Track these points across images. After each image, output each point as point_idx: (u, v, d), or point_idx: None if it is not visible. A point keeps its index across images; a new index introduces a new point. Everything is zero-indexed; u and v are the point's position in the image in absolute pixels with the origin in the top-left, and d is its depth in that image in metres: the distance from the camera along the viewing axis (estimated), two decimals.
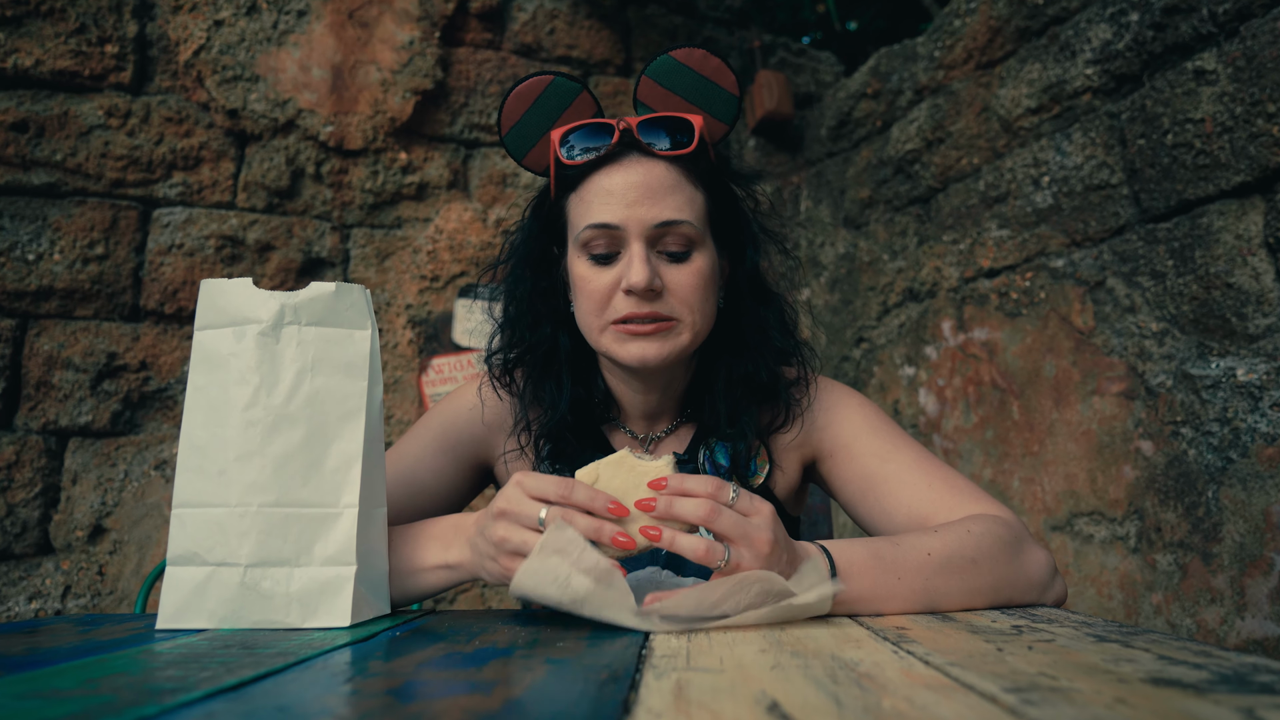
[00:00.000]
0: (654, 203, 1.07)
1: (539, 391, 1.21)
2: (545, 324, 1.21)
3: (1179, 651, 0.62)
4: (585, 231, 1.09)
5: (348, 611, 0.87)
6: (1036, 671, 0.57)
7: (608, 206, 1.08)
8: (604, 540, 0.83)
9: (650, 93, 1.15)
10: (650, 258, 1.07)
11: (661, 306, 1.08)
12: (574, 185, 1.14)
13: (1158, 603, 2.06)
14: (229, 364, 0.91)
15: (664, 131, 1.11)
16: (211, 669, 0.63)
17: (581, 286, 1.11)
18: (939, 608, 0.92)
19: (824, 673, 0.58)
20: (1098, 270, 2.27)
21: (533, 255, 1.22)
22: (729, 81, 1.14)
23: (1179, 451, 2.03)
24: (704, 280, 1.10)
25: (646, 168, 1.09)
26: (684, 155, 1.11)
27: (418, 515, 1.17)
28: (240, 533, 0.87)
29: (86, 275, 2.66)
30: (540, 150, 1.18)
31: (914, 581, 0.90)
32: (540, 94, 1.15)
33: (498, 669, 0.63)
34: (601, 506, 0.83)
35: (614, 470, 0.86)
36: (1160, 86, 2.10)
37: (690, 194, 1.11)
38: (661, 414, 1.24)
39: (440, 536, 0.99)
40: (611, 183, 1.09)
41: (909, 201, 3.03)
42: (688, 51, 1.13)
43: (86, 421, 2.62)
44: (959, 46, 2.80)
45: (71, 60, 2.71)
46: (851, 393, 1.25)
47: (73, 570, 2.55)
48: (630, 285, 1.05)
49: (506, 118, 1.16)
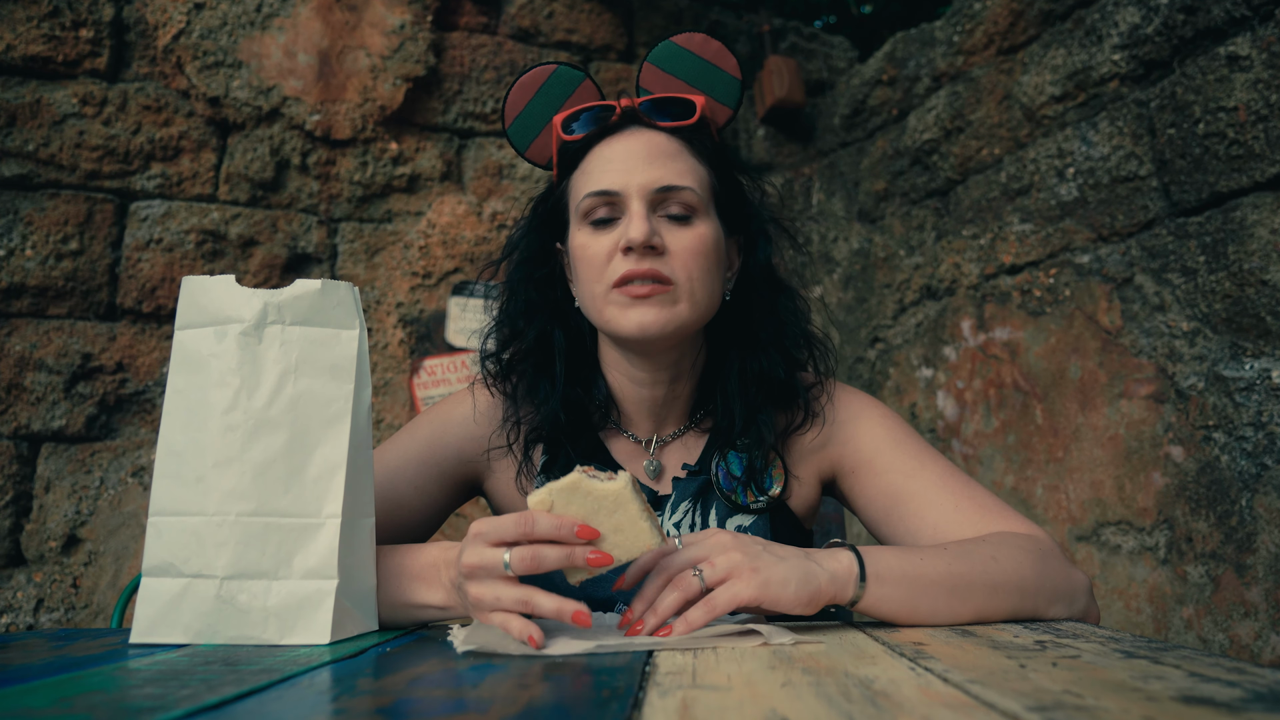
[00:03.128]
0: (654, 167, 1.11)
1: (532, 388, 1.21)
2: (540, 317, 1.22)
3: (1211, 668, 0.62)
4: (586, 200, 1.12)
5: (327, 628, 0.87)
6: (1061, 689, 0.56)
7: (607, 173, 1.11)
8: (578, 564, 0.83)
9: (652, 79, 1.19)
10: (650, 218, 1.10)
11: (661, 265, 1.09)
12: (576, 163, 1.17)
13: (1188, 617, 2.06)
14: (209, 365, 0.91)
15: (664, 107, 1.16)
16: (192, 686, 0.63)
17: (581, 254, 1.13)
18: (955, 623, 0.93)
19: (837, 690, 0.58)
20: (1125, 266, 2.27)
21: (532, 250, 1.24)
22: (730, 65, 1.19)
23: (1211, 457, 2.03)
24: (706, 246, 1.12)
25: (648, 136, 1.14)
26: (685, 127, 1.15)
27: (392, 531, 1.16)
28: (218, 543, 0.87)
29: (60, 272, 2.67)
30: (544, 140, 1.21)
31: (939, 594, 0.92)
32: (543, 83, 1.19)
33: (494, 686, 0.63)
34: (569, 534, 0.83)
35: (568, 496, 0.85)
36: (1191, 73, 2.10)
37: (692, 163, 1.14)
38: (669, 415, 1.24)
39: (422, 577, 0.98)
40: (612, 151, 1.13)
41: (927, 194, 3.03)
42: (688, 36, 1.18)
43: (60, 426, 2.63)
44: (979, 31, 2.80)
45: (44, 45, 2.72)
46: (872, 403, 1.24)
47: (45, 583, 2.56)
48: (629, 240, 1.07)
49: (510, 109, 1.20)
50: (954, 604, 0.92)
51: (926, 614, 0.92)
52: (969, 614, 0.93)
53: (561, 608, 0.81)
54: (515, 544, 0.85)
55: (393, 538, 1.15)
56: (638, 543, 0.84)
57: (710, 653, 0.75)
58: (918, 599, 0.91)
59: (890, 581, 0.90)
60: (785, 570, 0.86)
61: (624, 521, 0.84)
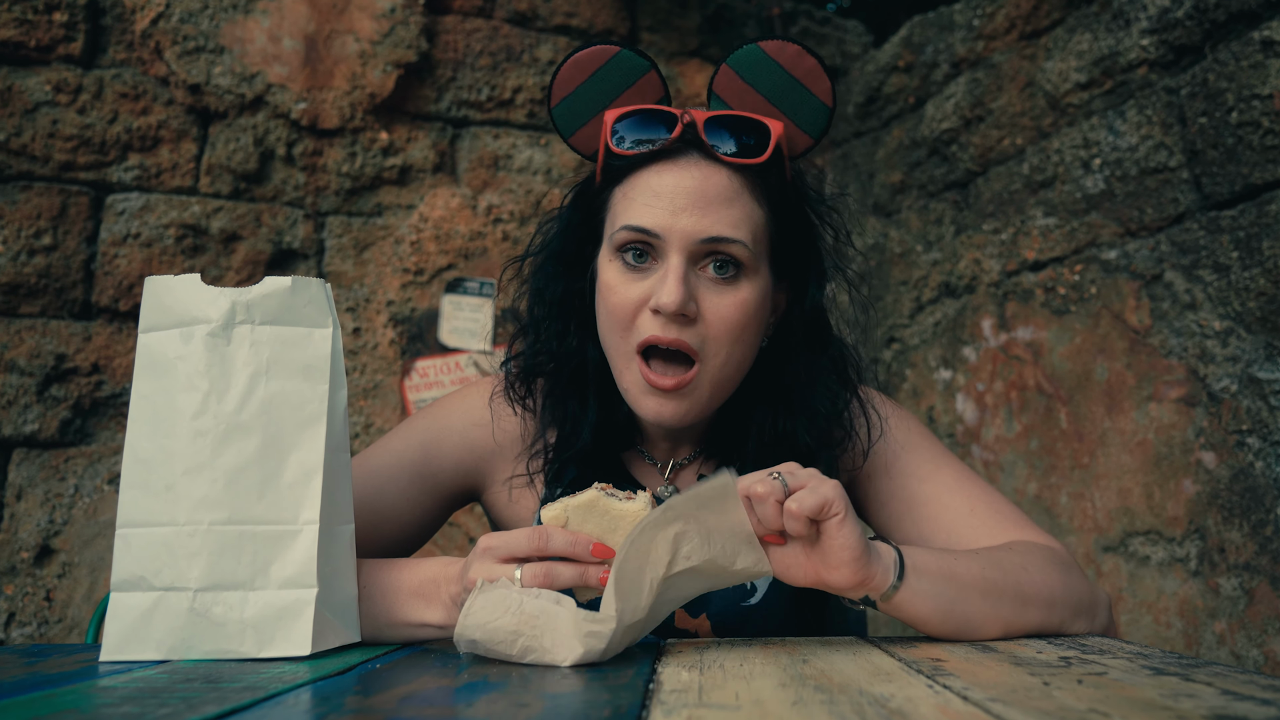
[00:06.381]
0: (704, 213, 1.03)
1: (560, 411, 1.18)
2: (574, 333, 1.18)
3: (1245, 685, 0.62)
4: (621, 232, 1.06)
5: (308, 638, 0.87)
6: (1087, 708, 0.56)
7: (651, 209, 1.04)
8: (591, 583, 0.83)
9: (728, 86, 1.09)
10: (689, 276, 1.03)
11: (689, 336, 1.04)
12: (620, 178, 1.10)
13: (1221, 631, 2.06)
14: (176, 369, 0.91)
15: (732, 133, 1.06)
16: (171, 705, 0.63)
17: (606, 295, 1.08)
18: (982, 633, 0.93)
19: (851, 709, 0.58)
20: (1154, 263, 2.27)
21: (567, 251, 1.19)
22: (824, 89, 1.08)
23: (1245, 464, 2.03)
24: (747, 315, 1.06)
25: (705, 172, 1.05)
26: (752, 165, 1.06)
27: (378, 544, 1.14)
28: (190, 554, 0.87)
29: (32, 268, 2.67)
30: (591, 131, 1.13)
31: (973, 597, 0.92)
32: (601, 66, 1.10)
33: (489, 705, 0.63)
34: (583, 552, 0.83)
35: (584, 514, 0.85)
36: (1224, 59, 2.10)
37: (750, 210, 1.06)
38: (685, 439, 1.23)
39: (421, 594, 0.97)
40: (661, 183, 1.05)
41: (945, 186, 3.03)
42: (780, 45, 1.07)
43: (32, 430, 2.63)
44: (1000, 14, 2.80)
45: (15, 30, 2.72)
46: (892, 405, 1.25)
47: (17, 596, 2.56)
48: (659, 304, 1.02)
49: (559, 87, 1.11)
50: (986, 610, 0.92)
51: (959, 618, 0.91)
52: (998, 625, 0.93)
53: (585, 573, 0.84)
54: (526, 559, 0.85)
55: (381, 550, 1.14)
56: None
57: (717, 669, 0.75)
58: (953, 599, 0.91)
59: (928, 576, 0.90)
60: (855, 523, 0.86)
61: None
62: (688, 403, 1.06)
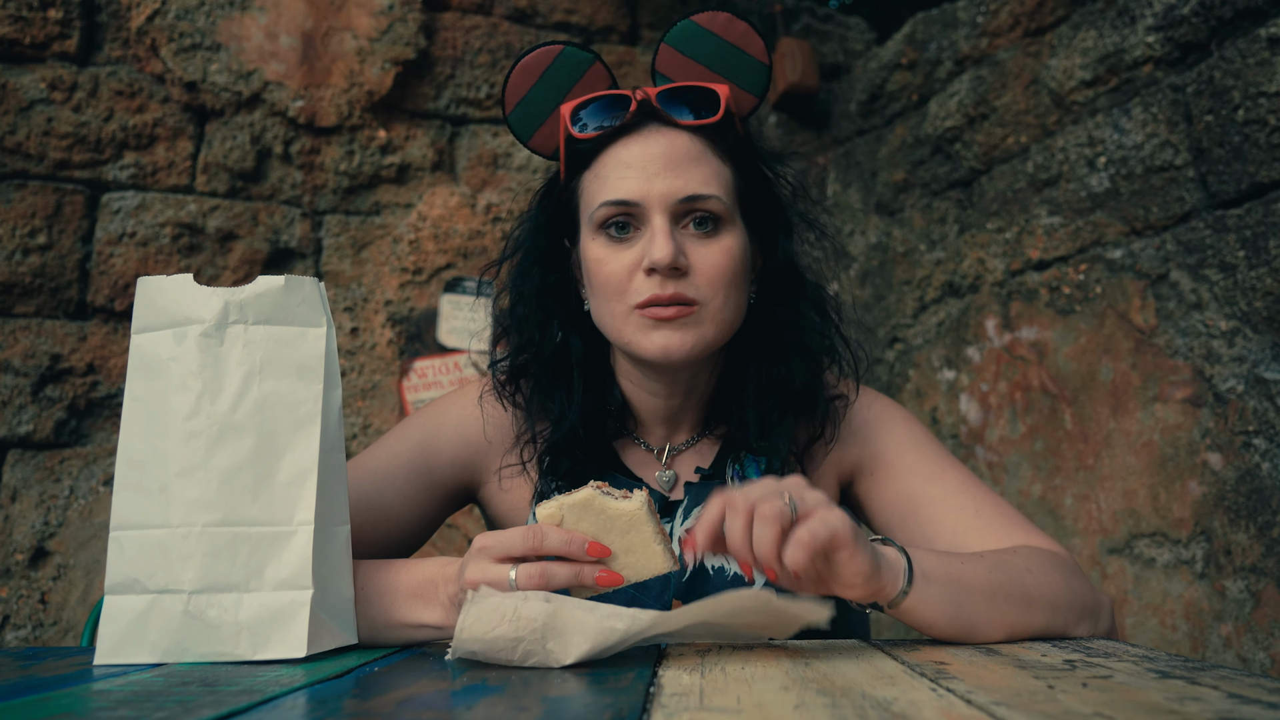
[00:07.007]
0: (677, 174, 1.08)
1: (547, 400, 1.20)
2: (555, 324, 1.20)
3: (1251, 689, 0.62)
4: (601, 209, 1.09)
5: (303, 641, 0.87)
6: (1092, 712, 0.56)
7: (625, 180, 1.08)
8: (587, 583, 0.83)
9: (670, 62, 1.15)
10: (674, 233, 1.07)
11: (686, 288, 1.07)
12: (587, 162, 1.14)
13: (1227, 634, 2.05)
14: (169, 369, 0.91)
15: (685, 101, 1.12)
16: (167, 709, 0.63)
17: (597, 270, 1.11)
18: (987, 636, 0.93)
19: (854, 713, 0.58)
20: (1160, 262, 2.27)
21: (541, 248, 1.22)
22: (757, 48, 1.15)
23: (1251, 465, 2.02)
24: (733, 261, 1.10)
25: (669, 138, 1.10)
26: (709, 125, 1.11)
27: (377, 544, 1.15)
28: (184, 556, 0.87)
29: (27, 268, 2.67)
30: (549, 129, 1.18)
31: (980, 600, 0.92)
32: (549, 66, 1.15)
33: (488, 709, 0.63)
34: (579, 551, 0.83)
35: (580, 513, 0.86)
36: (1230, 56, 2.10)
37: (717, 167, 1.11)
38: (682, 423, 1.24)
39: (419, 594, 0.98)
40: (630, 154, 1.10)
41: (948, 185, 3.03)
42: (711, 16, 1.14)
43: (27, 431, 2.63)
44: (1004, 11, 2.80)
45: (10, 27, 2.72)
46: (894, 405, 1.26)
47: (12, 598, 2.56)
48: (653, 262, 1.05)
49: (511, 94, 1.16)
50: (991, 613, 0.92)
51: (965, 622, 0.92)
52: (1003, 628, 0.94)
53: (580, 573, 0.84)
54: (522, 559, 0.85)
55: (380, 551, 1.15)
56: (649, 565, 0.85)
57: (719, 672, 0.75)
58: (960, 604, 0.91)
59: (937, 581, 0.90)
60: (865, 548, 0.85)
61: (637, 543, 0.84)
62: (693, 334, 1.09)
